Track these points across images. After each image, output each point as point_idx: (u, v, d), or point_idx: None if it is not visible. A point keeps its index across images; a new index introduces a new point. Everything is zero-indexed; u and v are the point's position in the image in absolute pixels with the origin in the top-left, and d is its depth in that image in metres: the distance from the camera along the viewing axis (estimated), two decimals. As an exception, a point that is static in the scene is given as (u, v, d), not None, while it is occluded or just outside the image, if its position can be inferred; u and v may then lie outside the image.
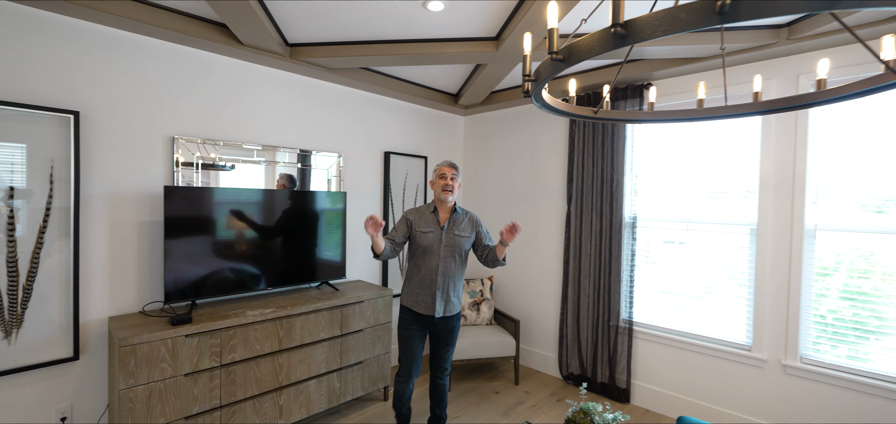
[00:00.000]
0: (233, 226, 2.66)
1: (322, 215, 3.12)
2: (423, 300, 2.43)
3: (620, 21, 0.87)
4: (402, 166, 3.96)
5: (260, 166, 2.99)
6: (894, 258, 2.34)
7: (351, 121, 3.58)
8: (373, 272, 3.78)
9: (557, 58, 1.03)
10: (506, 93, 3.88)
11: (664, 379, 3.17)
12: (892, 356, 2.35)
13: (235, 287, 2.70)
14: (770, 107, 1.36)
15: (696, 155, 3.05)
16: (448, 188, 2.44)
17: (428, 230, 2.45)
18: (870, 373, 2.39)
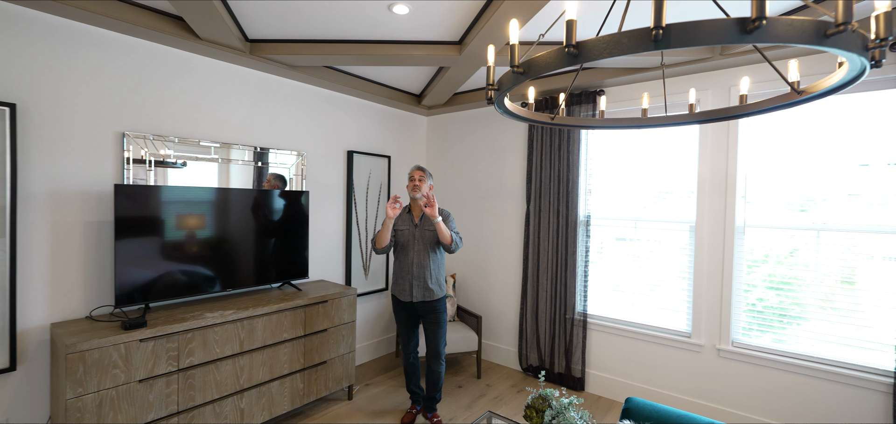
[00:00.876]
0: (189, 226, 2.58)
1: (284, 215, 3.08)
2: (402, 288, 2.78)
3: (573, 42, 0.97)
4: (366, 166, 3.96)
5: (217, 164, 2.90)
6: (812, 252, 2.65)
7: (313, 119, 3.54)
8: (336, 271, 3.77)
9: (518, 71, 1.12)
10: (468, 94, 3.98)
11: (615, 367, 3.39)
12: (809, 339, 2.67)
13: (192, 290, 2.61)
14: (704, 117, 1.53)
15: (644, 158, 3.29)
16: (416, 188, 2.74)
17: (404, 227, 2.80)
18: (791, 354, 2.70)
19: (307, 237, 3.21)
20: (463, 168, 4.33)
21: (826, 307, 2.60)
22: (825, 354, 2.60)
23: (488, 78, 1.32)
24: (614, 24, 2.47)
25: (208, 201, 2.67)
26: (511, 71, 1.12)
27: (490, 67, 1.33)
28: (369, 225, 4.02)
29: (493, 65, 1.34)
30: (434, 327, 2.80)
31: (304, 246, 3.20)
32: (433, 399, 2.92)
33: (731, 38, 0.75)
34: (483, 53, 2.77)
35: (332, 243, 3.73)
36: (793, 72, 1.24)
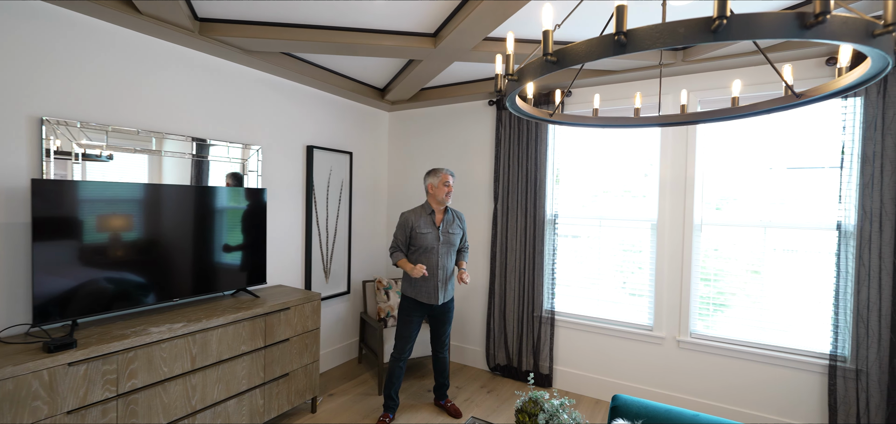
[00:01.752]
0: (123, 227, 2.24)
1: (239, 215, 2.79)
2: (427, 292, 2.80)
3: (624, 30, 0.92)
4: (326, 162, 3.73)
5: (160, 158, 2.56)
6: (759, 249, 2.87)
7: (270, 111, 3.26)
8: (294, 275, 3.50)
9: (552, 59, 1.05)
10: (436, 90, 3.88)
11: (582, 362, 3.47)
12: (755, 327, 2.88)
13: (129, 301, 2.28)
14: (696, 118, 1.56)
15: (608, 159, 3.39)
16: (450, 194, 2.82)
17: (427, 231, 2.80)
18: (741, 342, 2.90)
19: (265, 239, 2.94)
20: (430, 165, 4.23)
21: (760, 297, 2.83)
22: (771, 341, 2.83)
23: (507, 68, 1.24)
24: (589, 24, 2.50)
25: (146, 199, 2.34)
26: (543, 58, 1.05)
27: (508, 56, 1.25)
28: (330, 225, 3.79)
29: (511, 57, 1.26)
30: (447, 324, 2.95)
31: (262, 249, 2.93)
32: (445, 386, 3.09)
33: (789, 32, 0.74)
34: (460, 47, 2.69)
35: (291, 245, 3.46)
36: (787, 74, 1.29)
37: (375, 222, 4.37)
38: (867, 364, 2.49)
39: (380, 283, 3.79)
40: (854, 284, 2.53)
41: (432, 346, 3.05)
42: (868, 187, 2.48)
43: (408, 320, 2.84)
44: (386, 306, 3.71)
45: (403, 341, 2.85)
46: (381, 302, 3.73)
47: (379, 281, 3.79)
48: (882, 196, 2.45)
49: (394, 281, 3.86)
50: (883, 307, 2.46)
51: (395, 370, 2.88)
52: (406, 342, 2.85)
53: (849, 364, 2.55)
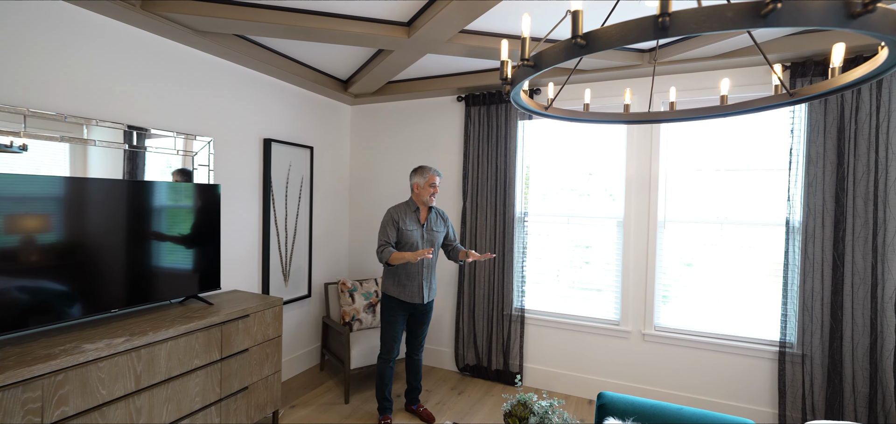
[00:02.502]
0: (43, 228, 1.92)
1: (188, 214, 2.50)
2: (411, 290, 2.72)
3: (668, 11, 0.87)
4: (285, 156, 3.47)
5: (88, 148, 2.23)
6: (716, 245, 3.02)
7: (223, 99, 2.96)
8: (251, 278, 3.23)
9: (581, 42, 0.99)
10: (403, 84, 3.74)
11: (551, 359, 3.50)
12: (713, 318, 3.04)
13: (53, 314, 1.95)
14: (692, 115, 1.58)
15: (576, 157, 3.43)
16: (435, 195, 2.76)
17: (412, 228, 2.73)
18: (700, 332, 3.05)
19: (218, 241, 2.67)
20: (395, 163, 4.08)
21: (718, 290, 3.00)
22: (728, 331, 2.99)
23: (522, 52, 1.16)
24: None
25: (68, 195, 2.02)
26: (571, 42, 0.98)
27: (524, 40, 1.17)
28: (290, 224, 3.53)
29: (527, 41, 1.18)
30: (426, 325, 2.90)
31: (215, 251, 2.65)
32: (418, 390, 3.01)
33: (837, 22, 0.72)
34: (435, 38, 2.59)
35: (247, 247, 3.19)
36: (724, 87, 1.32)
37: (337, 222, 4.15)
38: (811, 349, 2.71)
39: (344, 285, 3.60)
40: (800, 276, 2.73)
41: (408, 347, 2.97)
42: (812, 187, 2.69)
43: (393, 319, 2.76)
44: (351, 309, 3.53)
45: (391, 341, 2.77)
46: (346, 305, 3.54)
47: (343, 283, 3.60)
48: (824, 195, 2.66)
49: (358, 283, 3.68)
50: (824, 296, 2.67)
51: (385, 371, 2.82)
52: (394, 342, 2.78)
53: (795, 350, 2.76)
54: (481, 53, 2.84)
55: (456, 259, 2.83)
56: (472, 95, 3.63)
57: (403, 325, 2.82)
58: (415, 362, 2.97)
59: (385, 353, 2.80)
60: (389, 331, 2.77)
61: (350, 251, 4.29)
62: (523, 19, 1.22)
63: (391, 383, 2.88)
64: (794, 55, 2.65)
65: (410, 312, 2.81)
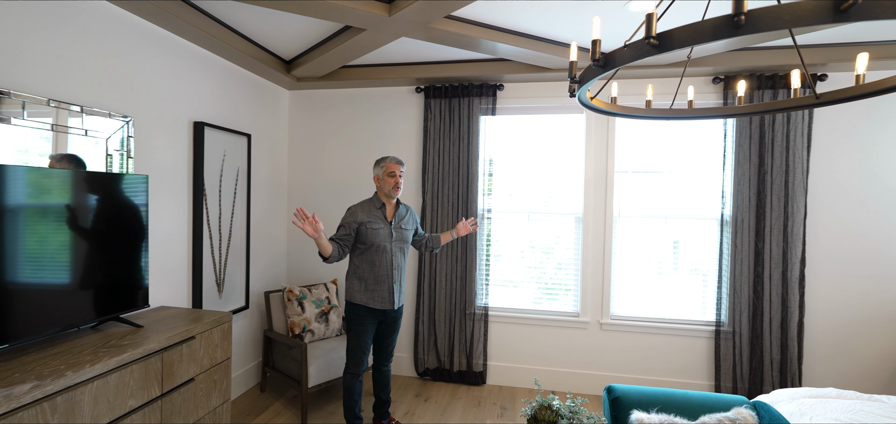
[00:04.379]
0: None
1: (110, 213, 1.95)
2: (381, 296, 2.48)
3: (743, 10, 0.86)
4: (219, 144, 2.94)
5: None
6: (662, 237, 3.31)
7: (145, 71, 2.38)
8: (179, 290, 2.66)
9: (654, 43, 0.98)
10: (358, 70, 3.43)
11: (514, 355, 3.51)
12: (661, 304, 3.33)
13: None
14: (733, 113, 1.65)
15: (538, 153, 3.49)
16: (398, 186, 2.49)
17: (378, 226, 2.47)
18: (649, 318, 3.32)
19: (146, 247, 2.13)
20: (344, 156, 3.73)
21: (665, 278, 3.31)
22: (674, 315, 3.30)
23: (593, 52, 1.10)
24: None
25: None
26: (645, 42, 0.91)
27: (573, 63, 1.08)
28: (224, 224, 3.01)
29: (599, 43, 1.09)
30: (395, 332, 2.68)
31: (140, 259, 2.11)
32: (388, 402, 2.78)
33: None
34: (419, 21, 2.38)
35: (174, 252, 2.62)
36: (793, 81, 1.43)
37: (275, 222, 3.66)
38: (740, 326, 3.11)
39: (291, 293, 3.18)
40: (730, 263, 3.11)
41: (376, 357, 2.71)
42: (740, 185, 3.08)
43: (362, 329, 2.50)
44: (300, 319, 3.13)
45: (361, 352, 2.51)
46: (295, 316, 3.13)
47: (289, 291, 3.18)
48: (749, 191, 3.07)
49: (307, 290, 3.28)
50: (749, 280, 3.09)
51: (354, 386, 2.55)
52: (363, 353, 2.51)
53: (727, 328, 3.14)
54: (460, 43, 2.72)
55: (435, 247, 2.69)
56: (432, 86, 3.47)
57: (372, 334, 2.56)
58: (384, 373, 2.74)
59: (353, 366, 2.53)
60: (359, 342, 2.50)
61: (289, 255, 3.82)
62: (594, 22, 1.21)
63: (361, 398, 2.61)
64: (726, 70, 3.01)
65: (380, 319, 2.56)
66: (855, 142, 3.02)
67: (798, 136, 3.00)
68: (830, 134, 3.05)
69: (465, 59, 3.23)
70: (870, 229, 3.01)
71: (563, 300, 3.48)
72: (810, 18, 0.86)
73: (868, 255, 3.02)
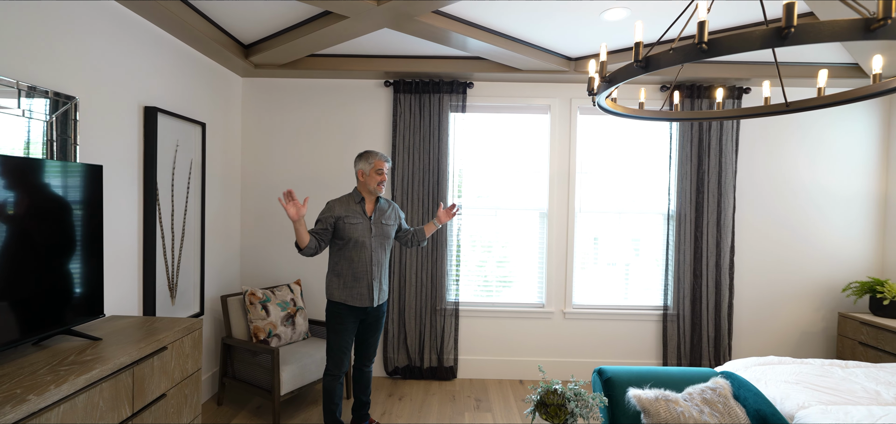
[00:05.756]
0: None
1: (61, 208, 1.67)
2: (360, 293, 2.40)
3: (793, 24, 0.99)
4: (172, 133, 2.64)
5: None
6: (616, 231, 3.59)
7: (90, 44, 2.07)
8: (128, 298, 2.35)
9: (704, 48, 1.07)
10: (324, 60, 3.28)
11: (484, 348, 3.60)
12: (617, 292, 3.61)
13: None
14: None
15: (505, 151, 3.60)
16: (383, 183, 2.44)
17: (357, 221, 2.39)
18: (606, 305, 3.59)
19: (101, 248, 1.86)
20: (305, 150, 3.53)
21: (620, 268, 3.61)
22: (627, 301, 3.61)
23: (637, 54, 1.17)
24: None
25: None
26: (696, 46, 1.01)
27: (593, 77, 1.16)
28: (177, 222, 2.71)
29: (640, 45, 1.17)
30: (378, 332, 2.59)
31: (94, 262, 1.83)
32: (366, 403, 2.67)
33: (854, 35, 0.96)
34: (409, 12, 2.34)
35: (124, 253, 2.31)
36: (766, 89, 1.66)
37: (230, 220, 3.37)
38: (683, 310, 3.48)
39: (253, 296, 2.95)
40: (675, 253, 3.48)
41: (358, 358, 2.60)
42: (683, 182, 3.45)
43: (343, 328, 2.41)
44: (265, 323, 2.92)
45: (341, 353, 2.41)
46: (258, 320, 2.91)
47: (252, 294, 2.95)
48: (690, 188, 3.45)
49: (271, 292, 3.07)
50: (690, 268, 3.47)
51: (335, 389, 2.44)
52: (344, 354, 2.42)
53: (672, 311, 3.51)
54: (439, 38, 2.72)
55: (420, 241, 2.62)
56: (402, 81, 3.43)
57: (353, 334, 2.48)
58: (365, 374, 2.64)
59: (334, 368, 2.42)
60: (339, 342, 2.41)
61: (243, 256, 3.54)
62: (636, 25, 1.27)
63: (341, 401, 2.50)
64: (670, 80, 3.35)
65: (361, 318, 2.48)
66: (768, 148, 3.53)
67: (728, 141, 3.43)
68: (752, 141, 3.53)
69: (437, 54, 3.24)
70: (782, 222, 3.54)
71: (528, 292, 3.63)
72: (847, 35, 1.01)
73: (780, 244, 3.55)
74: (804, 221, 3.54)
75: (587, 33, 2.81)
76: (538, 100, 3.52)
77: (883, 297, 3.19)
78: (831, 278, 3.56)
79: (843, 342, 3.36)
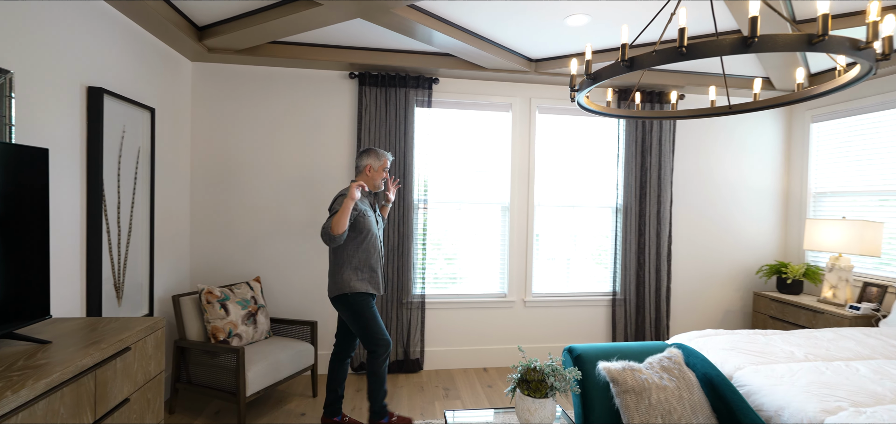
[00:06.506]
0: None
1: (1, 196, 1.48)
2: (376, 281, 2.55)
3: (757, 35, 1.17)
4: (119, 117, 2.42)
5: None
6: (570, 223, 3.84)
7: (24, 12, 1.84)
8: (70, 298, 2.12)
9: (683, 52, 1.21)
10: (285, 48, 3.15)
11: (449, 339, 3.67)
12: (572, 280, 3.86)
13: None
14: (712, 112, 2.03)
15: (468, 145, 3.70)
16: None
17: (368, 212, 2.55)
18: (562, 293, 3.82)
19: (47, 242, 1.67)
20: (263, 142, 3.38)
21: (575, 259, 3.87)
22: (580, 289, 3.87)
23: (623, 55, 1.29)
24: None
25: None
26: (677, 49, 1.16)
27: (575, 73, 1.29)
28: (124, 215, 2.48)
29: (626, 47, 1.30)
30: None
31: (40, 258, 1.64)
32: (342, 398, 2.67)
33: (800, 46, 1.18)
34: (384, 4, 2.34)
35: (66, 249, 2.08)
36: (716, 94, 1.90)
37: (180, 214, 3.14)
38: (629, 294, 3.81)
39: (211, 294, 2.78)
40: (622, 243, 3.79)
41: (343, 349, 2.65)
42: (629, 178, 3.78)
43: (373, 311, 2.53)
44: (225, 323, 2.77)
45: (383, 332, 2.52)
46: (217, 320, 2.75)
47: (209, 292, 2.78)
48: (635, 184, 3.79)
49: (230, 290, 2.91)
50: (635, 257, 3.81)
51: (386, 370, 2.56)
52: (384, 332, 2.54)
53: (620, 296, 3.82)
54: (412, 33, 2.74)
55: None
56: (368, 74, 3.40)
57: None
58: (345, 367, 2.65)
59: (385, 349, 2.51)
60: (377, 324, 2.51)
61: (192, 253, 3.30)
62: (622, 29, 1.39)
63: None
64: (622, 84, 3.66)
65: None
66: (698, 149, 3.97)
67: (667, 140, 3.81)
68: (686, 142, 3.95)
69: (404, 49, 3.25)
70: (709, 215, 4.00)
71: (491, 283, 3.77)
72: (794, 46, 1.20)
73: (708, 234, 4.01)
74: (726, 213, 4.03)
75: (549, 37, 2.98)
76: (500, 98, 3.66)
77: (787, 277, 3.73)
78: (748, 262, 4.09)
79: (757, 317, 3.87)
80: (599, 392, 2.02)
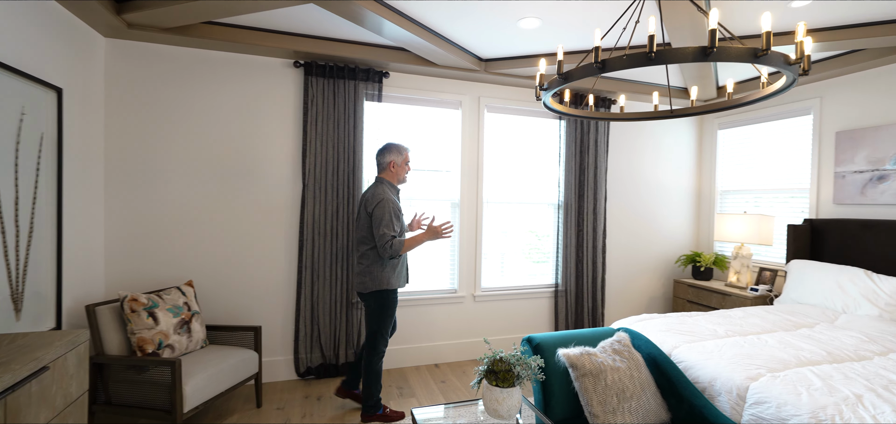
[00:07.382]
0: None
1: None
2: (401, 276, 2.69)
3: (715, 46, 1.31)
4: (14, 97, 2.05)
5: None
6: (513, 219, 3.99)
7: None
8: (-44, 314, 1.75)
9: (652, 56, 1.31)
10: (227, 30, 2.89)
11: (400, 336, 3.62)
12: (517, 274, 4.00)
13: None
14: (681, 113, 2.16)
15: (418, 141, 3.67)
16: None
17: (403, 212, 2.67)
18: (508, 287, 3.95)
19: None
20: (194, 133, 3.06)
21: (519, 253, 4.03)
22: (524, 282, 4.03)
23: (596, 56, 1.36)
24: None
25: None
26: (646, 53, 1.27)
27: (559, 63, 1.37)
28: (24, 214, 2.11)
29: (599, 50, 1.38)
30: None
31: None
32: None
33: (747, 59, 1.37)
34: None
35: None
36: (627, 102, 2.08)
37: (92, 212, 2.74)
38: (570, 286, 4.05)
39: (136, 302, 2.47)
40: (563, 237, 4.02)
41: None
42: (569, 176, 4.01)
43: (393, 311, 2.68)
44: (154, 333, 2.48)
45: (388, 335, 2.70)
46: (145, 331, 2.45)
47: (133, 300, 2.46)
48: (574, 182, 4.03)
49: (158, 297, 2.61)
50: (574, 250, 4.06)
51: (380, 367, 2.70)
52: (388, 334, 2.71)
53: (562, 288, 4.05)
54: (364, 22, 2.66)
55: None
56: (315, 63, 3.23)
57: None
58: None
59: (384, 346, 2.68)
60: (389, 324, 2.67)
61: (108, 257, 2.90)
62: (595, 33, 1.46)
63: None
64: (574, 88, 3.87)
65: None
66: (627, 150, 4.34)
67: (602, 141, 4.11)
68: (617, 143, 4.29)
69: (354, 39, 3.15)
70: (636, 210, 4.39)
71: (441, 279, 3.78)
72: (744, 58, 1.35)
73: (635, 228, 4.39)
74: (651, 209, 4.45)
75: (501, 37, 3.06)
76: (450, 95, 3.68)
77: (700, 265, 4.21)
78: (668, 253, 4.55)
79: (677, 301, 4.33)
80: (558, 378, 2.13)
